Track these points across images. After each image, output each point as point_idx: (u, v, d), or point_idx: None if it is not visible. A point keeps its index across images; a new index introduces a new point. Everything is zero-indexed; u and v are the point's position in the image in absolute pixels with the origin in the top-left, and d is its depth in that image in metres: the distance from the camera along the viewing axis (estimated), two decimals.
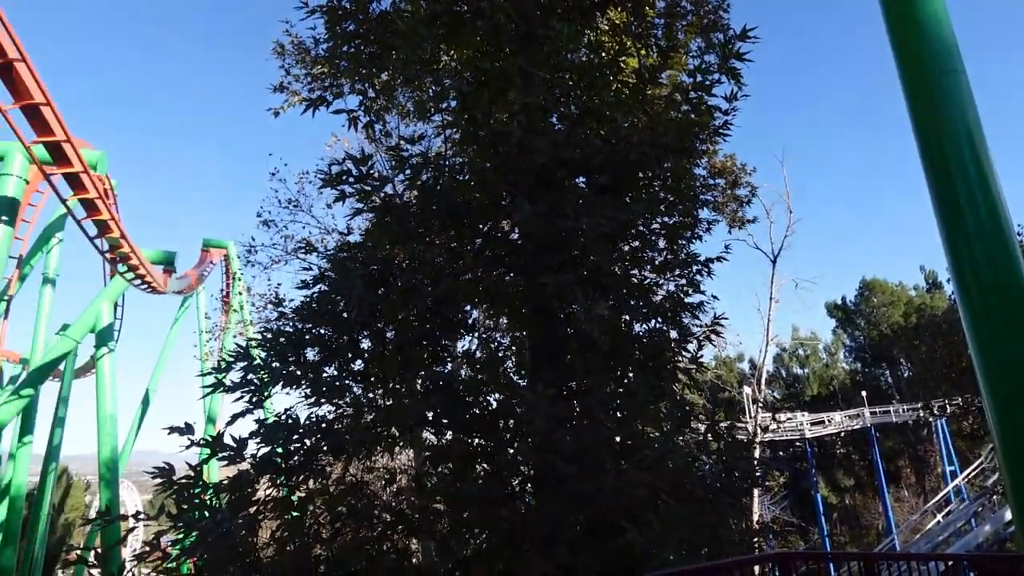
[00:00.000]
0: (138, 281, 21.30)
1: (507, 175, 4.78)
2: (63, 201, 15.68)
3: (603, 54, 5.59)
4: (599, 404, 4.43)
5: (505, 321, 6.16)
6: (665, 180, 5.80)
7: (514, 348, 5.84)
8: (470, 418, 4.55)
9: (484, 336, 5.73)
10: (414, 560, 4.82)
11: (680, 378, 5.62)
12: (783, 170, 19.51)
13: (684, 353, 5.69)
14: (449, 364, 4.66)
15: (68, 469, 43.60)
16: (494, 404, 5.01)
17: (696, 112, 5.55)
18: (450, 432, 4.71)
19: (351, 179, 4.56)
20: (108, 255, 19.08)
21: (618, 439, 4.65)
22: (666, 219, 5.87)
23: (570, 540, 4.00)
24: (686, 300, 5.77)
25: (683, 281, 5.93)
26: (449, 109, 5.60)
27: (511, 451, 4.60)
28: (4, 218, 14.46)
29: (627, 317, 5.64)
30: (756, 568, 4.82)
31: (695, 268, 5.92)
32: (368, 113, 6.04)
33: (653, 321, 5.80)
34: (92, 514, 42.77)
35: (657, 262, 6.11)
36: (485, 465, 4.72)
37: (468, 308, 5.25)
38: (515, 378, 5.47)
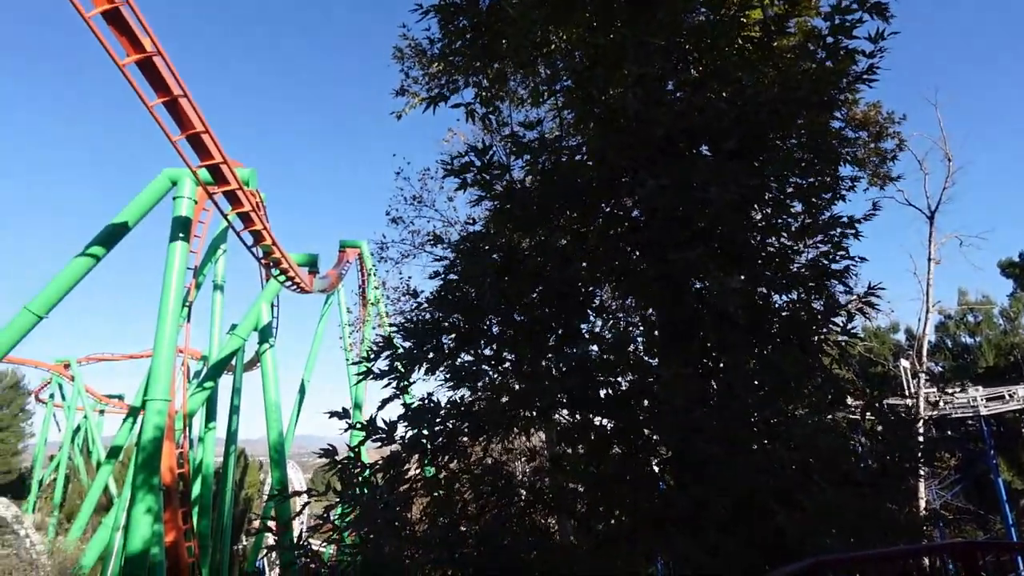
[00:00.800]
0: (288, 283, 23.62)
1: (627, 151, 4.67)
2: (224, 216, 17.76)
3: (722, 11, 5.24)
4: (739, 381, 4.22)
5: (632, 301, 6.05)
6: (800, 138, 5.33)
7: (643, 327, 5.72)
8: (603, 399, 4.54)
9: (613, 316, 5.67)
10: (556, 538, 4.94)
11: (829, 352, 5.18)
12: (938, 114, 17.19)
13: (832, 325, 5.24)
14: (578, 346, 4.67)
15: (244, 451, 49.62)
16: (624, 385, 4.96)
17: (833, 59, 5.02)
18: (583, 413, 4.74)
19: (473, 169, 4.71)
20: (263, 261, 21.34)
21: (763, 418, 4.40)
22: (802, 180, 5.40)
23: (715, 522, 3.87)
24: (831, 267, 5.28)
25: (826, 246, 5.43)
26: (563, 90, 5.57)
27: (647, 432, 4.54)
28: (181, 235, 16.63)
29: (764, 289, 5.30)
30: (927, 559, 4.36)
31: (838, 231, 5.39)
32: (483, 104, 6.18)
33: (794, 292, 5.39)
34: (266, 490, 48.50)
35: (794, 228, 5.65)
36: (621, 446, 4.70)
37: (594, 289, 5.22)
38: (645, 358, 5.37)
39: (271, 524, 5.14)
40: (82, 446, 50.77)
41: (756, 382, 4.60)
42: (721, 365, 4.78)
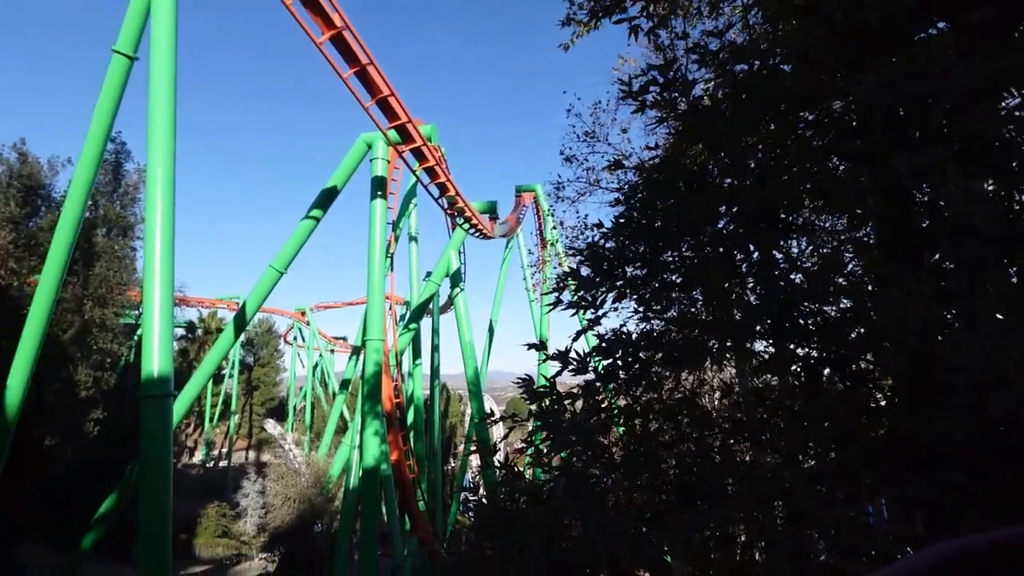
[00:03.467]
0: (472, 230, 25.08)
1: (835, 45, 4.03)
2: (413, 172, 19.25)
3: None
4: (988, 304, 3.55)
5: (843, 219, 5.35)
6: None
7: (855, 248, 5.06)
8: (811, 326, 4.16)
9: (820, 236, 5.10)
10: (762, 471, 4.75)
11: None
12: None
13: None
14: (779, 270, 4.29)
15: (446, 385, 55.23)
16: (833, 312, 4.48)
17: None
18: (786, 343, 4.40)
19: (655, 88, 4.43)
20: (448, 211, 22.87)
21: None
22: None
23: (959, 460, 3.39)
24: None
25: None
26: None
27: (865, 363, 4.08)
28: (379, 193, 18.44)
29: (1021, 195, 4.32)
30: None
31: None
32: (650, 19, 5.75)
33: None
34: (466, 420, 53.74)
35: None
36: (833, 377, 4.29)
37: (796, 208, 4.70)
38: (860, 281, 4.77)
39: (478, 446, 5.71)
40: (320, 379, 60.68)
41: (1011, 305, 3.84)
42: (959, 286, 4.06)
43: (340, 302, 57.29)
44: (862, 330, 4.33)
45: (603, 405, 4.56)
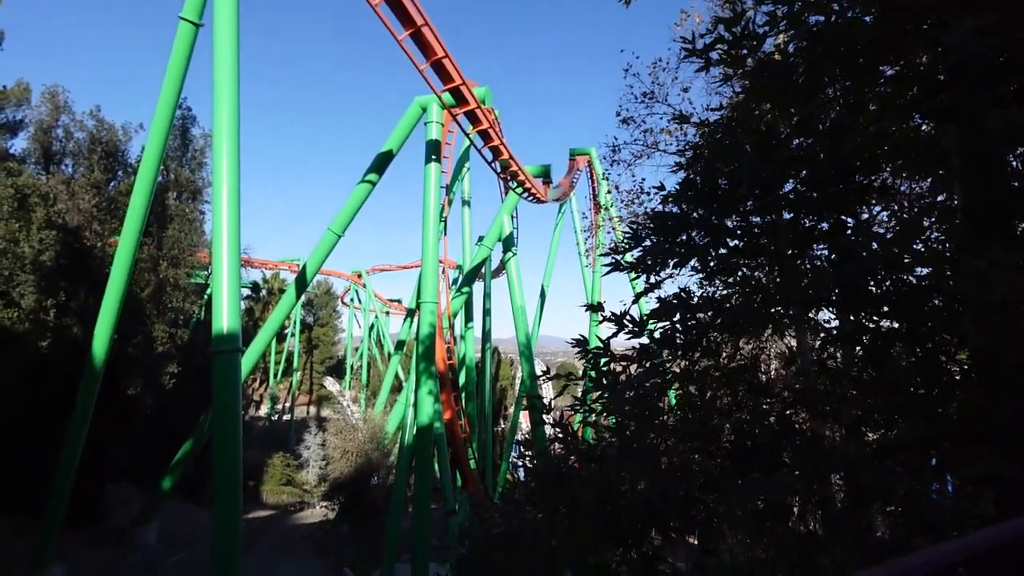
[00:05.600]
0: (525, 194, 24.92)
1: None
2: (466, 135, 19.18)
3: None
4: None
5: (927, 182, 5.02)
6: None
7: (937, 214, 4.75)
8: (883, 295, 3.96)
9: (899, 202, 4.81)
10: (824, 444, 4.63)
11: None
12: None
13: None
14: (855, 235, 4.07)
15: (497, 348, 56.00)
16: (912, 280, 4.24)
17: None
18: (856, 312, 4.21)
19: (723, 46, 4.21)
20: (501, 175, 22.76)
21: None
22: None
23: None
24: None
25: None
26: None
27: (944, 334, 3.87)
28: (433, 157, 18.50)
29: None
30: None
31: None
32: None
33: None
34: (517, 383, 54.50)
35: None
36: (907, 349, 4.10)
37: (875, 171, 4.43)
38: (940, 249, 4.49)
39: (535, 403, 5.80)
40: (376, 339, 62.67)
41: None
42: None
43: (395, 265, 58.57)
44: (939, 301, 4.10)
45: (660, 369, 4.53)
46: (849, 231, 4.34)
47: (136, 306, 22.41)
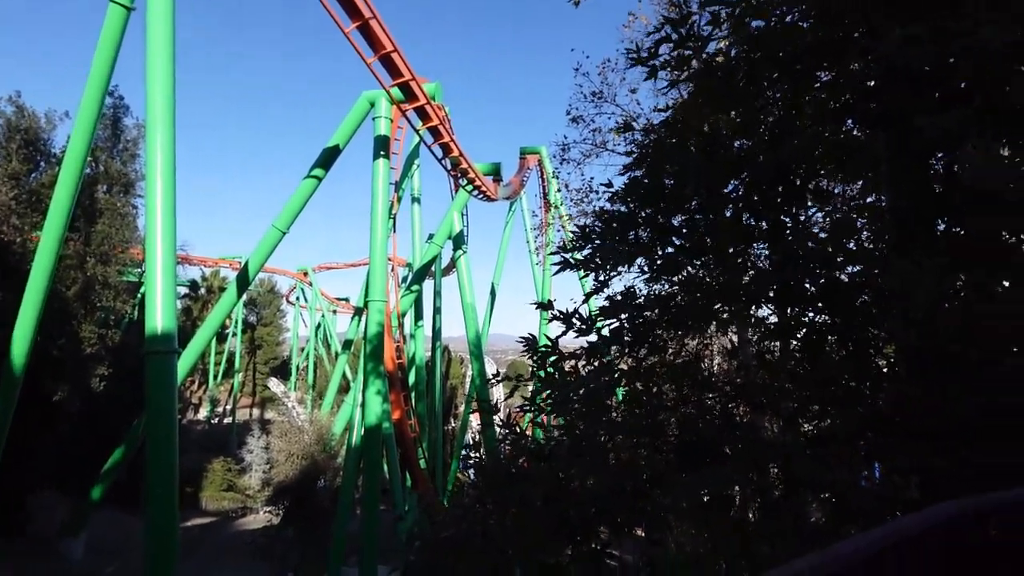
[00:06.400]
0: (475, 191, 24.82)
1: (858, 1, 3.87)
2: (416, 131, 18.93)
3: None
4: (1008, 274, 3.52)
5: (858, 185, 5.26)
6: None
7: (868, 215, 4.99)
8: (818, 292, 4.13)
9: (833, 203, 5.02)
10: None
11: None
12: None
13: None
14: (793, 235, 4.23)
15: (448, 347, 55.67)
16: (844, 278, 4.44)
17: None
18: (793, 308, 4.38)
19: (669, 45, 4.28)
20: (452, 172, 22.59)
21: None
22: None
23: (960, 430, 3.41)
24: None
25: None
26: None
27: (873, 329, 4.06)
28: (382, 153, 18.17)
29: None
30: None
31: None
32: None
33: None
34: (467, 381, 54.39)
35: None
36: (839, 344, 4.28)
37: (811, 172, 4.60)
38: (871, 248, 4.73)
39: (484, 405, 5.77)
40: (323, 339, 61.16)
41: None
42: (974, 258, 4.01)
43: (343, 263, 57.27)
44: (869, 298, 4.31)
45: (609, 366, 4.57)
46: (788, 231, 4.50)
47: (61, 305, 21.07)
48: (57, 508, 22.78)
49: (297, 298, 61.91)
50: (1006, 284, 3.84)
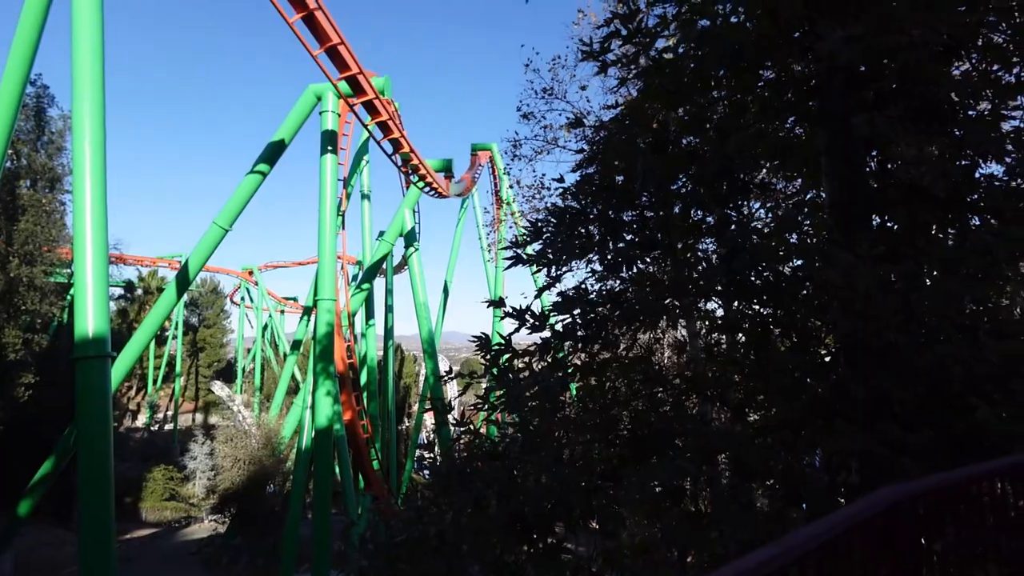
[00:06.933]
0: (427, 188, 24.53)
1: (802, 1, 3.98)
2: (365, 126, 18.53)
3: None
4: (934, 264, 3.69)
5: (798, 180, 5.43)
6: None
7: (808, 209, 5.16)
8: (763, 285, 4.24)
9: (775, 197, 5.17)
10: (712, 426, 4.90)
11: None
12: None
13: None
14: (738, 230, 4.33)
15: (400, 346, 54.98)
16: (786, 271, 4.58)
17: None
18: (740, 301, 4.49)
19: (618, 40, 4.31)
20: (402, 169, 22.26)
21: (958, 307, 3.86)
22: None
23: (899, 416, 3.57)
24: None
25: None
26: None
27: (814, 320, 4.21)
28: (330, 148, 17.71)
29: (966, 159, 4.48)
30: None
31: None
32: None
33: (1005, 160, 4.50)
34: (420, 380, 53.86)
35: (1004, 82, 4.60)
36: (783, 335, 4.42)
37: (755, 167, 4.73)
38: (812, 242, 4.90)
39: (436, 405, 5.69)
40: (270, 340, 59.33)
41: (952, 265, 4.01)
42: (908, 247, 4.21)
43: (290, 261, 55.64)
44: (809, 290, 4.46)
45: (560, 362, 4.57)
46: (733, 225, 4.61)
47: None
48: None
49: (242, 298, 59.77)
50: (935, 274, 4.04)
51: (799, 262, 4.36)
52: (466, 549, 3.89)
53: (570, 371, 4.77)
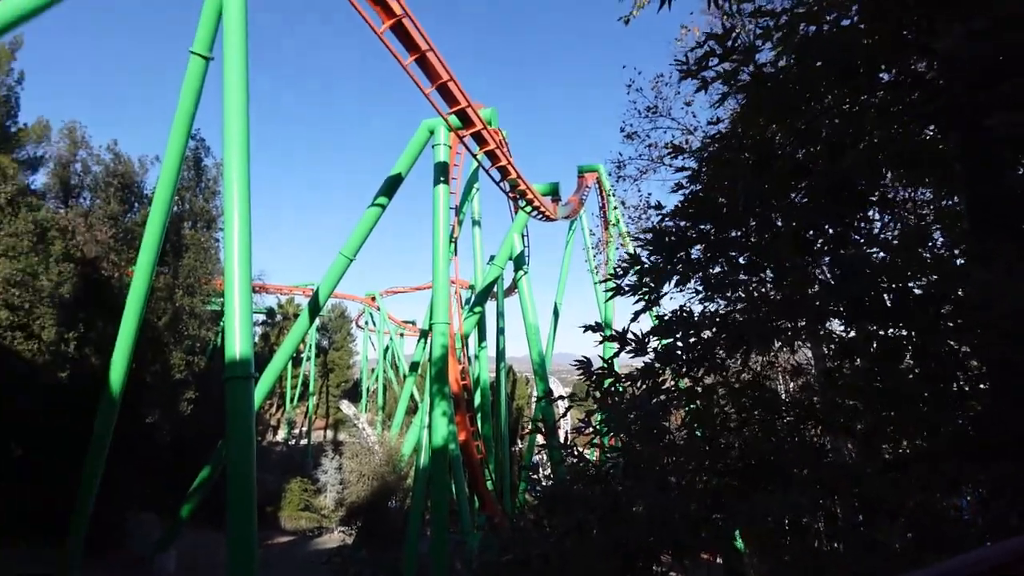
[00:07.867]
0: (535, 212, 24.99)
1: None
2: (474, 156, 19.35)
3: None
4: None
5: (929, 190, 4.95)
6: None
7: (943, 221, 4.68)
8: (890, 307, 3.89)
9: (901, 210, 4.74)
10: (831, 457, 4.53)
11: None
12: None
13: None
14: (857, 247, 4.02)
15: (512, 367, 55.80)
16: (918, 290, 4.16)
17: None
18: (864, 323, 4.14)
19: (714, 59, 4.23)
20: (510, 195, 22.88)
21: None
22: None
23: None
24: None
25: None
26: None
27: (951, 343, 3.78)
28: (442, 179, 18.66)
29: None
30: None
31: None
32: None
33: None
34: (533, 402, 54.16)
35: None
36: (915, 360, 4.01)
37: (875, 179, 4.38)
38: (947, 255, 4.42)
39: (540, 426, 5.75)
40: (391, 361, 62.75)
41: None
42: None
43: (408, 287, 58.84)
44: (948, 310, 4.02)
45: (664, 387, 4.47)
46: (861, 240, 4.29)
47: (153, 334, 22.74)
48: (150, 526, 24.32)
49: (366, 322, 64.02)
50: None
51: (933, 278, 3.95)
52: (568, 573, 3.88)
53: (674, 395, 4.63)
